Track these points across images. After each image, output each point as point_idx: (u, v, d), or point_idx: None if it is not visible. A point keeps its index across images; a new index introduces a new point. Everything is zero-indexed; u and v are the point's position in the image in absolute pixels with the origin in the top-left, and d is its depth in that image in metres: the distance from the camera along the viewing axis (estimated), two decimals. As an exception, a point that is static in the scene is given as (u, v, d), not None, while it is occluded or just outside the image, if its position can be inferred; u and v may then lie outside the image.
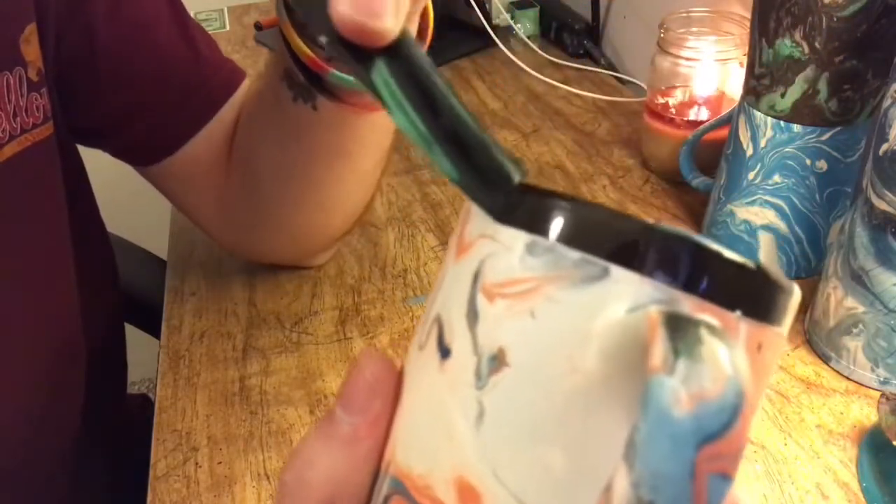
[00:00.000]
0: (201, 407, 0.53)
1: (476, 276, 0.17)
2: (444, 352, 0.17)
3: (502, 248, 0.17)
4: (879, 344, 0.49)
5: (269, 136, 0.53)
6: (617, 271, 0.15)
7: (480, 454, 0.16)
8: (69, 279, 0.55)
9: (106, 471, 0.65)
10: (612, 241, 0.15)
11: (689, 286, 0.15)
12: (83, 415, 0.58)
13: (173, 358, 0.58)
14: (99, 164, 0.63)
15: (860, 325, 0.49)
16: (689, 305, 0.15)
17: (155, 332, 0.64)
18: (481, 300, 0.17)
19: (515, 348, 0.16)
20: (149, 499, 0.47)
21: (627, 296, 0.15)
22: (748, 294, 0.16)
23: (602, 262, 0.15)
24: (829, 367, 0.52)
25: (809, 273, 0.60)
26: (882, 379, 0.50)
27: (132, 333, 0.71)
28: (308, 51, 0.44)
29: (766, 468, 0.46)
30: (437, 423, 0.17)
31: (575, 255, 0.16)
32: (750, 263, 0.16)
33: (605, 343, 0.15)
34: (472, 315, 0.17)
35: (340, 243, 0.67)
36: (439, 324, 0.18)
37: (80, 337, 0.57)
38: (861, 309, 0.49)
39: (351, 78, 0.44)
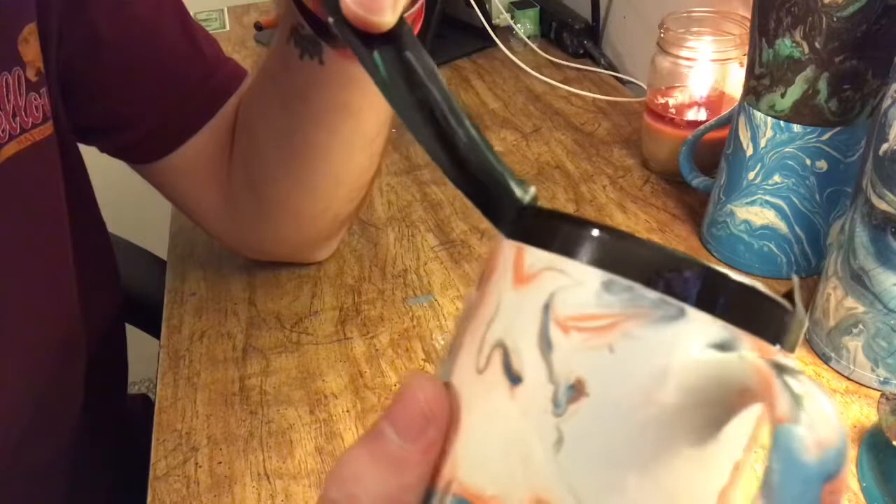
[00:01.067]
0: (201, 407, 0.53)
1: (547, 308, 0.18)
2: (514, 379, 0.18)
3: (574, 283, 0.18)
4: (879, 344, 0.49)
5: (274, 104, 0.54)
6: (692, 312, 0.17)
7: (559, 476, 0.18)
8: (70, 278, 0.55)
9: (106, 471, 0.65)
10: (689, 285, 0.17)
11: (748, 325, 0.17)
12: (83, 414, 0.58)
13: (173, 358, 0.58)
14: (99, 164, 0.63)
15: (860, 325, 0.49)
16: (747, 343, 0.17)
17: (155, 332, 0.64)
18: (555, 331, 0.18)
19: (594, 379, 0.17)
20: (149, 499, 0.47)
21: (701, 335, 0.17)
22: (784, 329, 0.18)
23: (678, 304, 0.17)
24: (829, 367, 0.52)
25: (809, 273, 0.60)
26: (882, 379, 0.50)
27: (132, 333, 0.71)
28: None
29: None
30: (511, 447, 0.18)
31: (653, 295, 0.17)
32: (786, 304, 0.18)
33: (682, 379, 0.17)
34: (546, 345, 0.18)
35: (340, 243, 0.67)
36: (504, 350, 0.19)
37: (80, 336, 0.57)
38: (861, 309, 0.49)
39: None
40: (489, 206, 0.21)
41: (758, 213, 0.58)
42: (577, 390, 0.17)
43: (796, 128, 0.55)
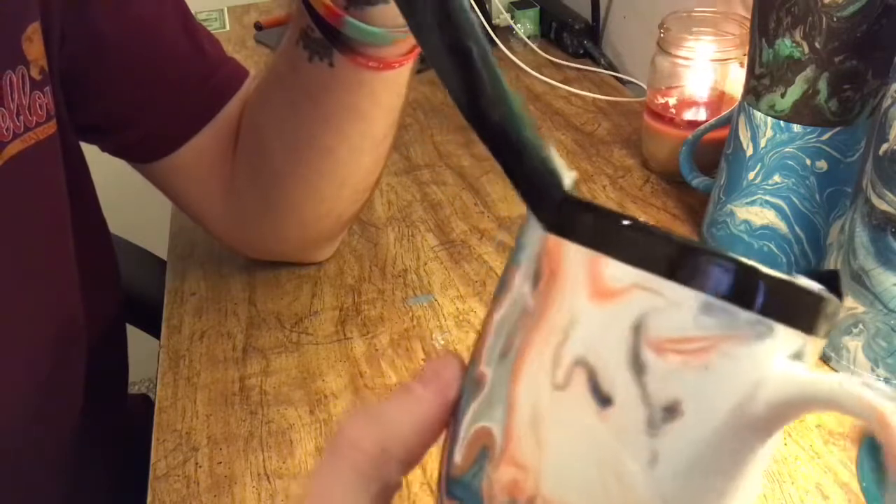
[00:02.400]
0: (201, 407, 0.53)
1: (637, 329, 0.18)
2: (604, 400, 0.18)
3: (669, 305, 0.18)
4: (879, 344, 0.49)
5: (283, 105, 0.54)
6: (779, 328, 0.18)
7: (654, 491, 0.18)
8: (71, 278, 0.55)
9: (106, 471, 0.65)
10: (776, 302, 0.18)
11: (812, 330, 0.19)
12: (83, 414, 0.58)
13: (173, 358, 0.58)
14: (100, 164, 0.63)
15: (860, 325, 0.49)
16: (812, 345, 0.19)
17: (155, 332, 0.64)
18: (648, 353, 0.18)
19: (690, 399, 0.18)
20: (149, 499, 0.47)
21: (785, 347, 0.18)
22: (828, 319, 0.19)
23: (770, 322, 0.18)
24: (829, 367, 0.52)
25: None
26: (882, 379, 0.50)
27: (132, 333, 0.71)
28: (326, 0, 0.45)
29: (766, 468, 0.46)
30: (603, 466, 0.18)
31: (749, 316, 0.18)
32: (828, 295, 0.19)
33: (771, 392, 0.18)
34: (638, 367, 0.18)
35: (340, 243, 0.67)
36: (588, 369, 0.18)
37: (80, 335, 0.57)
38: (861, 309, 0.49)
39: (367, 28, 0.46)
40: (524, 182, 0.20)
41: (758, 213, 0.58)
42: (673, 411, 0.18)
43: (796, 128, 0.55)
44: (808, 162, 0.56)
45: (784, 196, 0.57)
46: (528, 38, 1.05)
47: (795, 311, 0.18)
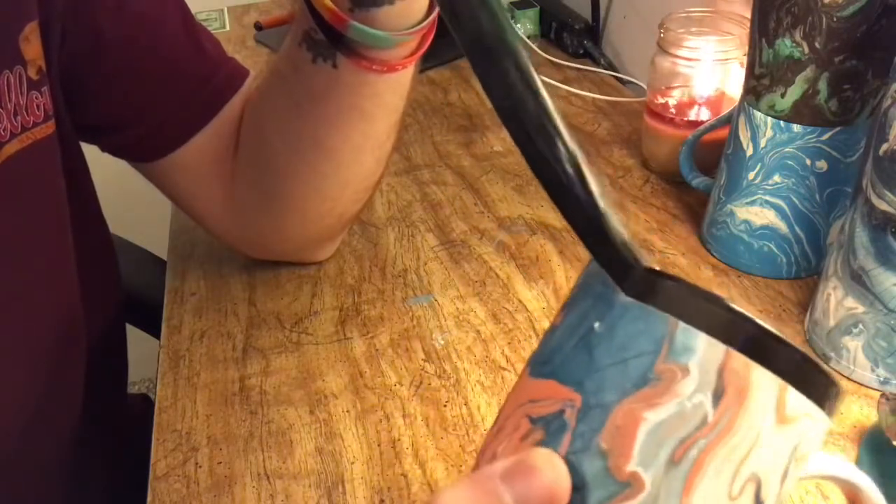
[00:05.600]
0: (201, 407, 0.53)
1: (795, 448, 0.22)
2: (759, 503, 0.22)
3: (816, 428, 0.22)
4: (879, 344, 0.49)
5: (285, 105, 0.54)
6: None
7: None
8: (71, 277, 0.55)
9: (106, 471, 0.65)
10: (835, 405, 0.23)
11: (832, 414, 0.23)
12: (83, 414, 0.58)
13: (173, 358, 0.58)
14: (99, 164, 0.63)
15: (860, 325, 0.49)
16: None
17: (155, 332, 0.64)
18: (793, 465, 0.22)
19: (789, 491, 0.23)
20: (149, 499, 0.47)
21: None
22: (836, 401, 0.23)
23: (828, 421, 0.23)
24: (829, 367, 0.52)
25: (809, 273, 0.60)
26: (882, 379, 0.50)
27: (132, 333, 0.71)
28: (330, 3, 0.45)
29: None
30: None
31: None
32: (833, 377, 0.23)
33: (808, 473, 0.24)
34: (785, 476, 0.22)
35: (340, 243, 0.67)
36: (757, 482, 0.21)
37: (80, 335, 0.57)
38: (861, 309, 0.49)
39: (371, 31, 0.46)
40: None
41: (758, 213, 0.58)
42: (782, 502, 0.22)
43: (796, 128, 0.55)
44: (808, 162, 0.56)
45: (784, 196, 0.57)
46: (528, 38, 1.05)
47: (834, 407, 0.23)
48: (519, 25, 1.05)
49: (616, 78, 0.96)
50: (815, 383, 0.22)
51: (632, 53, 0.99)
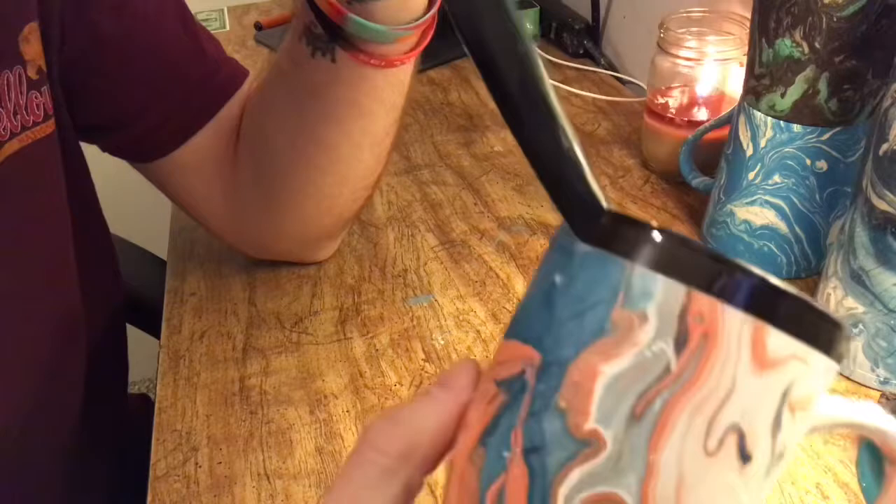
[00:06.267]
0: (201, 407, 0.53)
1: (785, 395, 0.20)
2: (745, 458, 0.20)
3: (812, 371, 0.20)
4: (879, 344, 0.49)
5: (285, 101, 0.54)
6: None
7: None
8: (71, 277, 0.55)
9: (106, 471, 0.65)
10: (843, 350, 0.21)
11: (839, 359, 0.21)
12: (83, 414, 0.58)
13: (173, 358, 0.58)
14: (99, 164, 0.63)
15: (860, 325, 0.49)
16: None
17: (155, 332, 0.64)
18: (786, 414, 0.20)
19: (792, 444, 0.21)
20: (149, 499, 0.47)
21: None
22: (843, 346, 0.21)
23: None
24: (829, 367, 0.52)
25: (809, 273, 0.60)
26: (882, 379, 0.50)
27: (132, 333, 0.71)
28: None
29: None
30: None
31: (834, 366, 0.21)
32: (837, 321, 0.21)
33: (818, 420, 0.21)
34: (777, 426, 0.20)
35: (340, 243, 0.67)
36: (739, 433, 0.19)
37: (80, 335, 0.57)
38: (861, 309, 0.49)
39: (369, 24, 0.46)
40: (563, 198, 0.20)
41: (758, 213, 0.58)
42: (781, 456, 0.20)
43: (796, 128, 0.55)
44: (808, 162, 0.56)
45: (784, 196, 0.57)
46: (528, 38, 1.05)
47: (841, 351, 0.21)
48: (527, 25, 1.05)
49: (616, 78, 0.96)
50: (804, 321, 0.19)
51: (632, 53, 0.99)
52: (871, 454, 0.46)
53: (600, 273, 0.20)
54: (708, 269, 0.19)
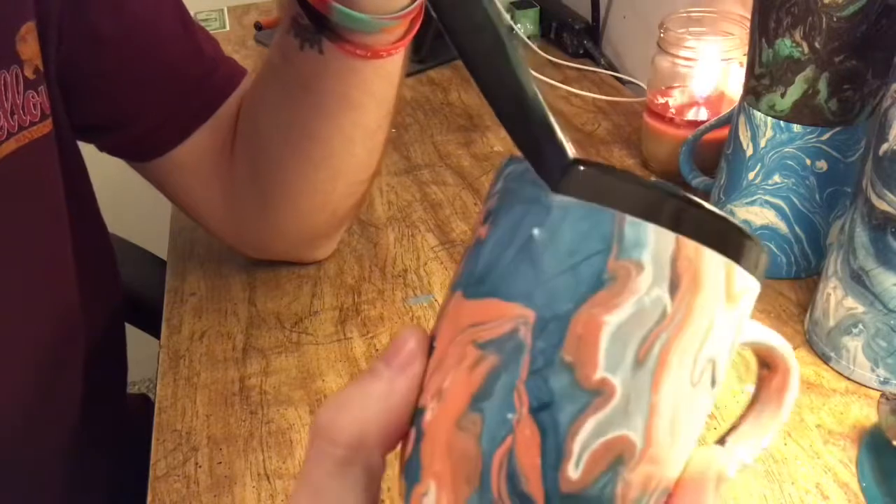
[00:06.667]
0: (201, 407, 0.53)
1: (739, 324, 0.22)
2: (714, 383, 0.22)
3: (753, 299, 0.22)
4: (879, 344, 0.49)
5: (277, 94, 0.54)
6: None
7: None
8: (69, 277, 0.55)
9: (106, 471, 0.65)
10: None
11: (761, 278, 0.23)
12: (83, 414, 0.58)
13: (173, 358, 0.58)
14: (100, 164, 0.63)
15: (860, 325, 0.49)
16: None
17: (155, 332, 0.64)
18: (736, 340, 0.22)
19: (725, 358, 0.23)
20: (149, 499, 0.47)
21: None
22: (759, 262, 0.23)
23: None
24: (829, 367, 0.52)
25: (809, 273, 0.60)
26: (882, 379, 0.50)
27: (132, 333, 0.71)
28: None
29: (766, 468, 0.46)
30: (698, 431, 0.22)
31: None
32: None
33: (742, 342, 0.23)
34: (733, 351, 0.22)
35: (340, 243, 0.67)
36: (713, 363, 0.21)
37: (80, 335, 0.57)
38: (861, 309, 0.49)
39: (354, 14, 0.47)
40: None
41: (758, 213, 0.58)
42: (716, 370, 0.22)
43: (796, 128, 0.55)
44: (808, 162, 0.56)
45: (784, 196, 0.57)
46: (528, 38, 1.05)
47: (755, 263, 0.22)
48: (519, 25, 1.05)
49: (616, 78, 0.96)
50: (751, 255, 0.21)
51: (632, 53, 0.99)
52: (871, 454, 0.46)
53: (589, 225, 0.20)
54: (691, 216, 0.20)
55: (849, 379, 0.51)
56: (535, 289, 0.20)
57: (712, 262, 0.20)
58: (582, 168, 0.21)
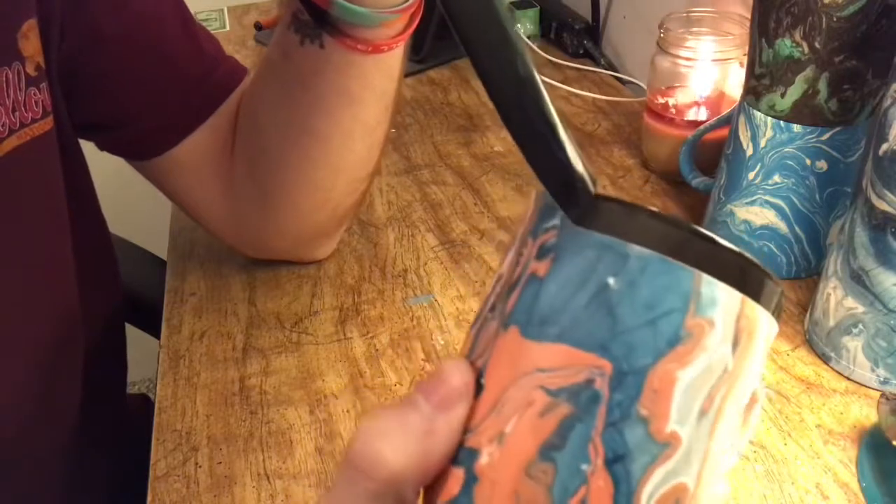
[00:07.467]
0: (201, 407, 0.53)
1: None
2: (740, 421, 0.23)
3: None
4: (879, 344, 0.49)
5: (276, 91, 0.54)
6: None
7: None
8: (69, 276, 0.55)
9: (106, 471, 0.65)
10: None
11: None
12: (83, 414, 0.58)
13: (173, 358, 0.58)
14: (100, 163, 0.63)
15: (860, 325, 0.49)
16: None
17: (155, 332, 0.64)
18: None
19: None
20: (149, 499, 0.47)
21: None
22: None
23: None
24: (829, 367, 0.52)
25: (809, 273, 0.60)
26: (882, 379, 0.50)
27: (132, 333, 0.71)
28: None
29: (766, 468, 0.46)
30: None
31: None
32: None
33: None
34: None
35: (340, 243, 0.67)
36: (743, 405, 0.23)
37: (79, 335, 0.57)
38: (861, 309, 0.49)
39: (354, 8, 0.47)
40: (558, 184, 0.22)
41: (758, 213, 0.58)
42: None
43: (796, 128, 0.55)
44: (808, 162, 0.56)
45: (784, 196, 0.57)
46: (528, 38, 1.05)
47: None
48: (519, 25, 1.05)
49: (616, 78, 0.96)
50: (781, 305, 0.23)
51: (632, 53, 0.99)
52: (871, 454, 0.46)
53: (669, 280, 0.20)
54: (756, 279, 0.21)
55: (849, 379, 0.51)
56: (613, 340, 0.20)
57: (763, 319, 0.21)
58: (648, 218, 0.21)
